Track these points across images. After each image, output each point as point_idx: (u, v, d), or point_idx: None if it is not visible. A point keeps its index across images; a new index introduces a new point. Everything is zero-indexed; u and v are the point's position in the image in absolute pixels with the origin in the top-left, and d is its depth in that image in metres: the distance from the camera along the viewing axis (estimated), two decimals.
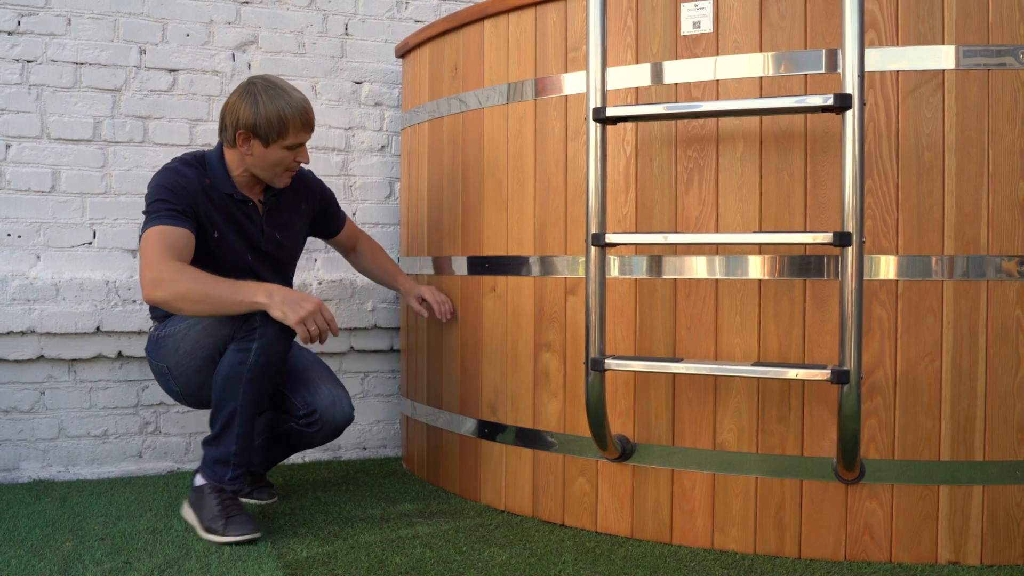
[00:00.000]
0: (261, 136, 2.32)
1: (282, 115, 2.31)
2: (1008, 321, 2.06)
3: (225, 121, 2.37)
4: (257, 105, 2.30)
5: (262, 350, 2.22)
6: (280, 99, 2.31)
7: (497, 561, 2.11)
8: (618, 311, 2.30)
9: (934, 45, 2.06)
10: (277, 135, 2.32)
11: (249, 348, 2.23)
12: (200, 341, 2.31)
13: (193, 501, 2.32)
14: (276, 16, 3.18)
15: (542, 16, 2.44)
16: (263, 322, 2.20)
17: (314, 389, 2.48)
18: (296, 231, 2.59)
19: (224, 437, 2.27)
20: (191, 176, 2.36)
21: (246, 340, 2.23)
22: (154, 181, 2.35)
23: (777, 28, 2.13)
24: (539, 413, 2.45)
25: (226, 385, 2.25)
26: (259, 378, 2.25)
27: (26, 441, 2.87)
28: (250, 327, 2.22)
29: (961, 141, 2.06)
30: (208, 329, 2.29)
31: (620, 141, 2.29)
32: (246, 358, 2.23)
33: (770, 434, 2.15)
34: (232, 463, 2.27)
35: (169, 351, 2.38)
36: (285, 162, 2.38)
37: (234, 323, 2.25)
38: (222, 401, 2.26)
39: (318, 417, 2.46)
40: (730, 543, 2.19)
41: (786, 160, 2.13)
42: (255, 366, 2.23)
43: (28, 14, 2.89)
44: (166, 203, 2.29)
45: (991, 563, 2.07)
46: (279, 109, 2.31)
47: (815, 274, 2.11)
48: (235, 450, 2.27)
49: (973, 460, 2.07)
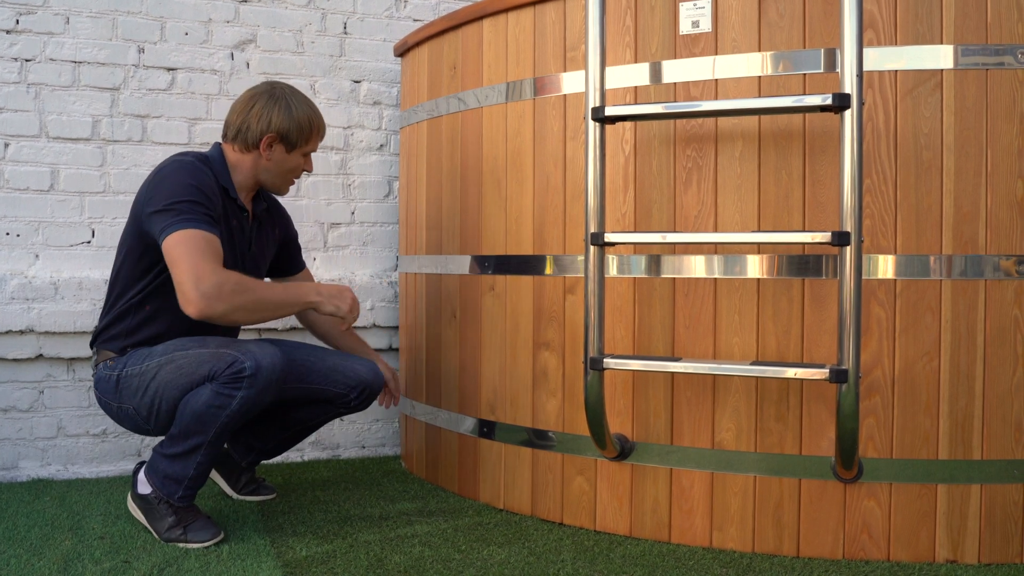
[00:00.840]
0: (290, 141, 2.33)
1: (312, 121, 2.36)
2: (1006, 320, 2.06)
3: (248, 125, 2.31)
4: (291, 111, 2.32)
5: (247, 400, 2.11)
6: (307, 106, 2.36)
7: (496, 560, 2.11)
8: (617, 310, 2.31)
9: (933, 45, 2.06)
10: (304, 141, 2.36)
11: (232, 395, 2.10)
12: (174, 382, 2.15)
13: (143, 507, 2.25)
14: (275, 15, 3.18)
15: (541, 15, 2.44)
16: (254, 371, 2.10)
17: (349, 371, 2.43)
18: (268, 252, 2.52)
19: (183, 460, 2.17)
20: (212, 177, 2.27)
21: (230, 386, 2.10)
22: (179, 177, 2.19)
23: (776, 27, 2.14)
24: (538, 412, 2.46)
25: (197, 420, 2.12)
26: (236, 423, 2.14)
27: (25, 440, 2.87)
28: (236, 373, 2.09)
29: (959, 141, 2.06)
30: (183, 368, 2.14)
31: (619, 140, 2.30)
32: (226, 403, 2.10)
33: (768, 433, 2.16)
34: (185, 485, 2.18)
35: (133, 391, 2.21)
36: (298, 169, 2.40)
37: (213, 363, 2.11)
38: (189, 432, 2.14)
39: (369, 392, 2.44)
40: (728, 542, 2.20)
41: (785, 159, 2.14)
42: (236, 414, 2.12)
43: (27, 13, 2.89)
44: (201, 206, 2.16)
45: (989, 561, 2.08)
46: (308, 115, 2.35)
47: (814, 273, 2.11)
48: (192, 475, 2.17)
49: (971, 459, 2.08)
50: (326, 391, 2.43)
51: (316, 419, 2.51)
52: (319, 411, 2.48)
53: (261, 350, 2.14)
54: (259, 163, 2.35)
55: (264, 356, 2.13)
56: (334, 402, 2.45)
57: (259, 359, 2.11)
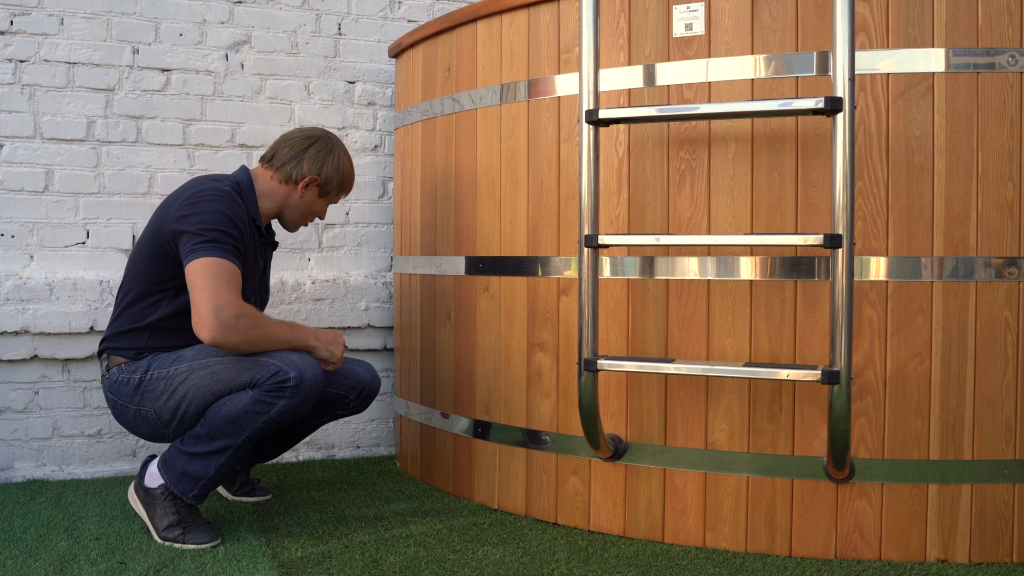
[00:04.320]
0: (326, 189, 2.46)
1: (350, 178, 2.52)
2: (996, 322, 2.08)
3: (300, 163, 2.41)
4: (340, 164, 2.47)
5: (287, 409, 2.15)
6: (350, 163, 2.51)
7: (491, 560, 2.12)
8: (611, 311, 2.32)
9: (924, 48, 2.07)
10: (337, 192, 2.50)
11: (273, 403, 2.14)
12: (208, 387, 2.17)
13: (145, 501, 2.26)
14: (269, 16, 3.18)
15: (535, 17, 2.45)
16: (298, 381, 2.13)
17: (350, 374, 2.47)
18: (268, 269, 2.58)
19: (205, 459, 2.18)
20: (244, 208, 2.32)
21: (272, 394, 2.14)
22: (216, 204, 2.23)
23: (768, 30, 2.15)
24: (532, 412, 2.47)
25: (231, 423, 2.15)
26: (268, 431, 2.19)
27: (20, 441, 2.87)
28: (280, 382, 2.13)
29: (950, 143, 2.07)
30: (220, 374, 2.16)
31: (613, 142, 2.31)
32: (266, 411, 2.14)
33: (761, 434, 2.17)
34: (202, 484, 2.20)
35: (158, 394, 2.21)
36: (317, 214, 2.52)
37: (254, 371, 2.15)
38: (219, 434, 2.16)
39: (368, 393, 2.50)
40: (721, 541, 2.21)
41: (777, 162, 2.15)
42: (272, 421, 2.15)
43: (21, 14, 2.89)
44: (231, 237, 2.20)
45: (979, 560, 2.09)
46: (350, 172, 2.51)
47: (806, 275, 2.13)
48: (211, 475, 2.19)
49: (962, 459, 2.09)
50: (327, 393, 2.45)
51: (314, 421, 2.52)
52: (318, 413, 2.49)
53: (303, 361, 2.17)
54: (291, 198, 2.44)
55: (307, 368, 2.16)
56: (334, 404, 2.47)
57: (303, 370, 2.15)
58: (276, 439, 2.56)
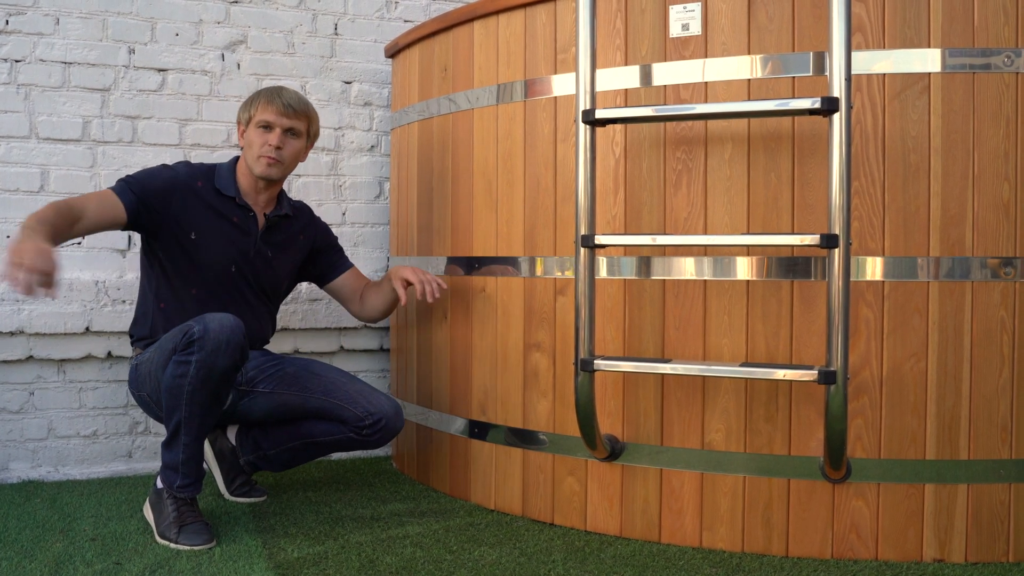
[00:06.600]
0: (243, 120, 2.53)
1: (260, 93, 2.52)
2: (992, 322, 2.08)
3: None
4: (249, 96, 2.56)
5: (202, 363, 2.17)
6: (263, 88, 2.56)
7: (487, 560, 2.12)
8: (607, 312, 2.32)
9: (920, 48, 2.08)
10: (250, 113, 2.50)
11: (189, 361, 2.18)
12: (158, 361, 2.30)
13: (153, 502, 2.31)
14: (265, 16, 3.18)
15: (531, 17, 2.45)
16: (202, 333, 2.17)
17: (373, 399, 2.46)
18: (288, 257, 2.64)
19: (173, 445, 2.24)
20: (180, 173, 2.49)
21: (185, 353, 2.19)
22: (157, 168, 2.49)
23: (765, 31, 2.15)
24: (529, 413, 2.47)
25: (170, 395, 2.21)
26: (201, 390, 2.19)
27: (15, 441, 2.86)
28: (189, 340, 2.18)
29: (947, 143, 2.08)
30: (161, 346, 2.30)
31: (609, 142, 2.31)
32: (186, 371, 2.18)
33: (758, 434, 2.17)
34: (180, 471, 2.23)
35: (144, 378, 2.41)
36: (259, 142, 2.49)
37: (175, 337, 2.24)
38: (169, 410, 2.22)
39: (384, 425, 2.45)
40: (718, 542, 2.21)
41: (774, 162, 2.15)
42: (195, 379, 2.18)
43: (16, 13, 2.88)
44: (135, 181, 2.40)
45: (975, 560, 2.10)
46: (258, 90, 2.55)
47: (802, 275, 2.13)
48: (182, 459, 2.23)
49: (958, 459, 2.09)
50: (344, 409, 2.44)
51: (324, 436, 2.50)
52: (330, 428, 2.47)
53: (211, 316, 2.21)
54: (243, 156, 2.53)
55: (214, 319, 2.19)
56: (348, 422, 2.45)
57: (207, 322, 2.19)
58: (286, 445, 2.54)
